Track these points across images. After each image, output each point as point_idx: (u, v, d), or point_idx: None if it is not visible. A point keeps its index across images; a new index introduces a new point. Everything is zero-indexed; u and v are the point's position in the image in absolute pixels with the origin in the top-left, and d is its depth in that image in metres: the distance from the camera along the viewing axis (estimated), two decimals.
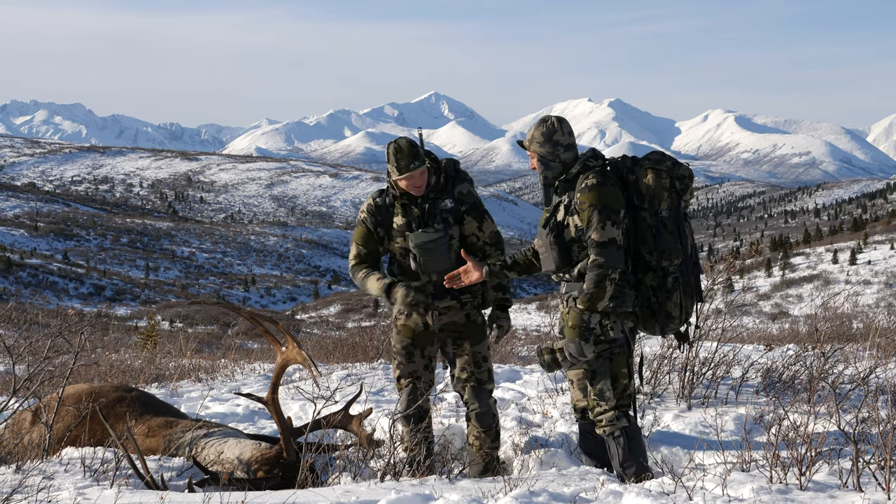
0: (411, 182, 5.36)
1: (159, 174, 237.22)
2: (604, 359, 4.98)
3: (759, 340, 12.23)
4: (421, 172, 5.34)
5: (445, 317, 5.48)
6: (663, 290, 4.94)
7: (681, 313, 5.00)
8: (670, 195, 4.95)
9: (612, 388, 4.98)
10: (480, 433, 5.51)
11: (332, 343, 13.45)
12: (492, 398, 5.57)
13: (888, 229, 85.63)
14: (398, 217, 5.47)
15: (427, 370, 5.59)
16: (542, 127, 5.04)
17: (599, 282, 4.81)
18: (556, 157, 5.01)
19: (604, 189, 4.85)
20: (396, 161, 5.31)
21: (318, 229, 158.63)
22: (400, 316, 5.55)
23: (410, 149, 5.31)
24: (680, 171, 4.99)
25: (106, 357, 11.79)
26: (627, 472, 4.95)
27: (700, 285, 5.12)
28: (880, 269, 67.28)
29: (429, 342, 5.56)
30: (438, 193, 5.46)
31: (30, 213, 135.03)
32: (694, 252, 5.07)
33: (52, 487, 4.63)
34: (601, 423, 5.01)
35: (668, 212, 4.94)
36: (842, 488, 4.30)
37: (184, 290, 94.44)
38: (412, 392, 5.52)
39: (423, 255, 5.38)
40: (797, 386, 6.89)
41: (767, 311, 55.65)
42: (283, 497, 4.27)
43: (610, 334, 4.93)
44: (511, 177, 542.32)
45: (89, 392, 6.00)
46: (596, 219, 4.81)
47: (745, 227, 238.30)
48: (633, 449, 4.96)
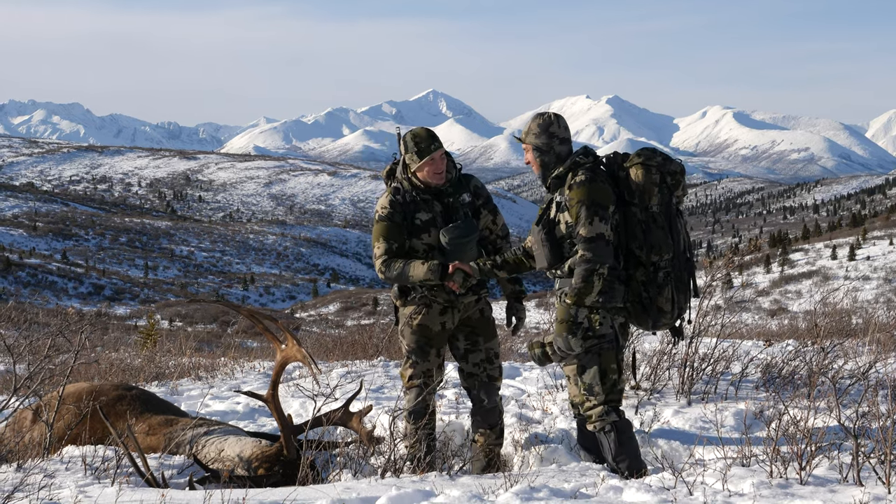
0: (433, 168, 5.30)
1: (158, 173, 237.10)
2: (592, 354, 5.00)
3: (758, 336, 12.24)
4: (441, 155, 5.30)
5: (465, 312, 5.50)
6: (654, 285, 4.96)
7: (673, 308, 5.01)
8: (661, 191, 4.98)
9: (601, 382, 5.00)
10: (486, 430, 5.53)
11: (332, 341, 13.46)
12: (499, 394, 5.59)
13: (887, 225, 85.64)
14: (421, 213, 5.41)
15: (439, 370, 5.57)
16: (538, 119, 5.13)
17: (587, 277, 4.83)
18: (551, 149, 5.06)
19: (593, 185, 4.89)
20: (416, 146, 5.28)
21: (317, 228, 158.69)
22: (416, 315, 5.47)
23: (428, 133, 5.32)
24: (671, 166, 5.02)
25: (106, 356, 11.80)
26: (621, 466, 4.97)
27: (694, 281, 5.13)
28: (879, 265, 67.26)
29: (443, 342, 5.55)
30: (456, 188, 5.46)
31: (28, 213, 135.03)
32: (687, 247, 5.09)
33: (54, 486, 4.63)
34: (591, 418, 5.04)
35: (658, 207, 4.97)
36: (842, 483, 4.31)
37: (183, 289, 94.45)
38: (422, 391, 5.51)
39: (455, 249, 5.35)
40: (797, 381, 6.89)
41: (766, 307, 55.67)
42: (284, 494, 4.28)
43: (598, 329, 4.95)
44: (510, 174, 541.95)
45: (90, 390, 6.00)
46: (584, 214, 4.84)
47: (743, 224, 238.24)
48: (624, 443, 4.99)
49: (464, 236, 5.33)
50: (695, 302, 5.60)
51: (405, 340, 5.54)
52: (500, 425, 5.57)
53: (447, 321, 5.47)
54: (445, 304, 5.45)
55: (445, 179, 5.39)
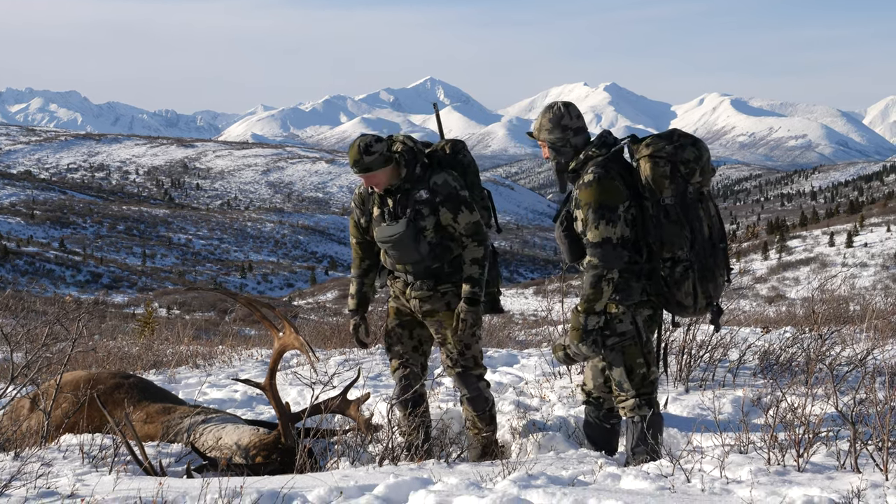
0: (367, 182, 5.39)
1: (155, 161, 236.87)
2: (616, 352, 4.92)
3: (756, 323, 12.25)
4: (369, 177, 5.31)
5: (426, 304, 5.47)
6: (672, 280, 4.82)
7: (695, 301, 4.86)
8: (674, 182, 4.78)
9: (629, 379, 4.92)
10: (474, 417, 5.53)
11: (330, 329, 13.45)
12: (483, 381, 5.55)
13: (885, 211, 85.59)
14: (375, 208, 5.47)
15: (416, 353, 5.60)
16: (548, 114, 4.95)
17: (595, 283, 4.73)
18: (567, 142, 4.91)
19: (601, 185, 4.73)
20: (350, 159, 5.33)
21: (315, 215, 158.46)
22: (389, 299, 5.63)
23: (358, 151, 5.27)
24: (683, 154, 4.79)
25: (103, 344, 11.80)
26: (636, 458, 4.93)
27: (726, 267, 4.97)
28: (877, 252, 67.31)
29: (418, 325, 5.59)
30: (414, 184, 5.37)
31: (26, 201, 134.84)
32: (715, 233, 4.91)
33: (51, 474, 4.62)
34: (624, 409, 4.99)
35: (672, 199, 4.78)
36: (840, 469, 4.31)
37: (181, 277, 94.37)
38: (406, 377, 5.53)
39: (389, 248, 5.39)
40: (794, 368, 6.90)
41: (764, 294, 55.72)
42: (282, 482, 4.27)
43: (618, 327, 4.87)
44: (507, 161, 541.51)
45: (87, 379, 5.99)
46: (591, 218, 4.73)
47: (741, 211, 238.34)
48: (647, 439, 4.89)
49: (392, 235, 5.34)
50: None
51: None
52: (488, 412, 5.55)
53: (413, 306, 5.52)
54: (396, 295, 5.61)
55: (386, 187, 5.36)
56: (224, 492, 3.99)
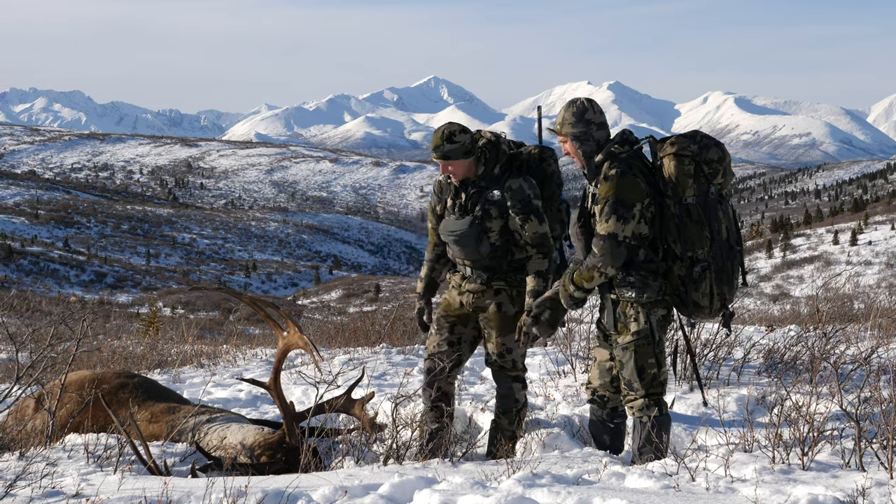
0: (443, 168, 5.38)
1: (159, 161, 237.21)
2: (628, 351, 4.92)
3: (760, 321, 12.24)
4: (447, 164, 5.32)
5: (478, 300, 5.48)
6: (690, 279, 4.81)
7: (711, 302, 4.84)
8: (696, 181, 4.79)
9: (640, 378, 4.89)
10: (498, 413, 5.56)
11: (334, 328, 13.45)
12: (517, 383, 5.53)
13: (889, 210, 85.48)
14: (449, 198, 5.49)
15: (452, 348, 5.56)
16: (571, 108, 4.97)
17: (590, 269, 4.81)
18: (590, 136, 4.92)
19: (622, 180, 4.74)
20: (432, 143, 5.33)
21: (319, 214, 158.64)
22: (446, 288, 5.69)
23: (441, 137, 5.26)
24: (707, 154, 4.81)
25: (108, 344, 11.81)
26: (642, 458, 4.91)
27: (743, 270, 4.98)
28: (881, 250, 67.21)
29: (462, 322, 5.58)
30: (490, 183, 5.37)
31: (30, 201, 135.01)
32: (732, 236, 4.91)
33: (56, 474, 4.63)
34: (632, 408, 4.98)
35: (694, 198, 4.78)
36: (844, 468, 4.31)
37: (185, 277, 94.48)
38: (429, 371, 5.53)
39: (451, 242, 5.41)
40: (799, 366, 6.89)
41: (768, 292, 55.64)
42: (287, 481, 4.28)
43: (632, 326, 4.87)
44: None
45: (92, 379, 6.00)
46: (605, 211, 4.74)
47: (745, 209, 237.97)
48: (654, 439, 4.86)
49: (455, 230, 5.36)
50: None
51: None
52: (514, 411, 5.55)
53: (464, 300, 5.53)
54: (453, 286, 5.61)
55: (461, 179, 5.38)
56: (229, 491, 3.99)
